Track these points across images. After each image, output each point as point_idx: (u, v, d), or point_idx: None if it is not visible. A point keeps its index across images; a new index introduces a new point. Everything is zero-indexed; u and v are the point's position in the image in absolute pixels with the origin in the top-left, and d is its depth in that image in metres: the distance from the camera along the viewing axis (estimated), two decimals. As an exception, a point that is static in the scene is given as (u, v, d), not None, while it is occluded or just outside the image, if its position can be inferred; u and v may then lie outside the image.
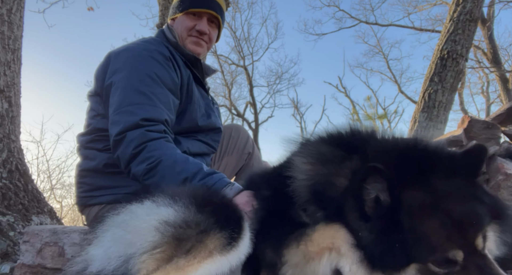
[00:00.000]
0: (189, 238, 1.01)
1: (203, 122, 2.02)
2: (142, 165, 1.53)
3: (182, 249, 0.99)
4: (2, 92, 3.21)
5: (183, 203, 1.09)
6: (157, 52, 1.81)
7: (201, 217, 1.06)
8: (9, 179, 3.07)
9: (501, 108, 3.18)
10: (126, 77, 1.69)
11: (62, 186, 11.06)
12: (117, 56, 1.80)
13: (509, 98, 11.88)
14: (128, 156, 1.55)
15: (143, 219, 1.04)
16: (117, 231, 1.06)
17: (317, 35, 19.27)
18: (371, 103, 21.33)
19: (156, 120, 1.62)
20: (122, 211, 1.12)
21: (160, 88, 1.72)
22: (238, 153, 2.41)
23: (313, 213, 1.13)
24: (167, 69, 1.80)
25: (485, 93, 17.72)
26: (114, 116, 1.63)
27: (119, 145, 1.58)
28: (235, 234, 1.07)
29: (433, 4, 14.83)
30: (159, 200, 1.11)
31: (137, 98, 1.64)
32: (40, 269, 1.89)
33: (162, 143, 1.57)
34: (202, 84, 2.13)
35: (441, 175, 1.01)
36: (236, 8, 18.67)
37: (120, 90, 1.67)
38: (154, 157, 1.51)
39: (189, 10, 2.01)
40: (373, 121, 20.64)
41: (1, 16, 3.29)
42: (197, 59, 2.04)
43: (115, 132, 1.59)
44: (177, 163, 1.50)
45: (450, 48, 5.42)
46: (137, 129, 1.56)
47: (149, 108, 1.63)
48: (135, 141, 1.54)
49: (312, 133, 1.36)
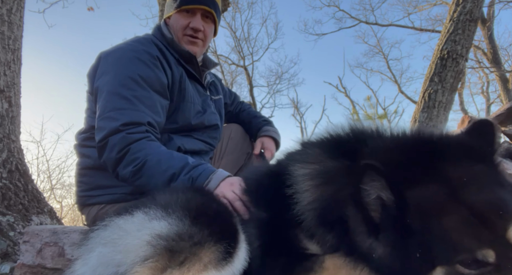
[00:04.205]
0: (183, 250, 0.96)
1: (197, 120, 2.00)
2: (128, 167, 1.55)
3: (176, 261, 0.95)
4: (2, 92, 3.21)
5: (177, 215, 1.04)
6: (144, 52, 1.80)
7: (195, 230, 1.01)
8: (9, 179, 3.07)
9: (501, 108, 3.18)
10: (110, 82, 1.72)
11: (62, 186, 11.08)
12: (105, 58, 1.82)
13: (509, 98, 11.88)
14: (113, 161, 1.58)
15: (135, 235, 0.99)
16: (104, 250, 0.99)
17: (317, 35, 19.32)
18: (371, 103, 21.31)
19: (136, 123, 1.63)
20: (109, 225, 1.05)
21: (144, 91, 1.72)
22: (237, 153, 2.40)
23: (322, 238, 1.02)
24: (154, 69, 1.79)
25: (485, 93, 17.72)
26: (98, 123, 1.66)
27: (103, 151, 1.61)
28: (230, 248, 1.02)
29: (433, 4, 14.84)
30: (151, 212, 1.05)
31: (119, 103, 1.66)
32: (40, 269, 1.88)
33: (145, 143, 1.58)
34: (198, 80, 2.12)
35: (453, 161, 0.88)
36: (236, 8, 18.67)
37: (104, 95, 1.70)
38: (139, 158, 1.53)
39: (182, 8, 1.99)
40: (373, 121, 20.57)
41: (1, 16, 3.28)
42: (191, 55, 2.02)
43: (98, 139, 1.62)
44: (162, 161, 1.52)
45: (450, 48, 5.42)
46: (117, 134, 1.58)
47: (131, 112, 1.64)
48: (117, 145, 1.57)
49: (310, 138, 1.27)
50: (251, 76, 19.78)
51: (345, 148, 1.08)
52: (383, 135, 1.09)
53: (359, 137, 1.09)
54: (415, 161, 0.90)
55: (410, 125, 6.01)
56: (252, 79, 19.89)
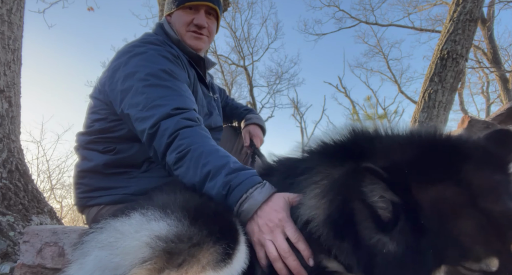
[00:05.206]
0: (181, 252, 0.95)
1: (205, 122, 1.99)
2: (173, 153, 1.43)
3: (174, 263, 0.94)
4: (2, 92, 3.21)
5: (176, 216, 1.02)
6: (165, 51, 1.77)
7: (194, 230, 1.00)
8: (9, 179, 3.07)
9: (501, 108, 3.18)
10: (143, 77, 1.63)
11: (62, 186, 11.07)
12: (126, 64, 1.72)
13: (509, 98, 11.88)
14: (164, 146, 1.46)
15: (133, 237, 0.96)
16: (100, 254, 0.96)
17: (317, 35, 19.33)
18: (371, 103, 21.31)
19: (186, 108, 1.54)
20: (105, 228, 1.03)
21: (179, 82, 1.67)
22: (236, 153, 2.41)
23: (340, 249, 1.00)
24: (178, 66, 1.77)
25: (485, 93, 17.73)
26: (143, 114, 1.54)
27: (154, 137, 1.49)
28: (229, 249, 1.01)
29: (433, 4, 14.84)
30: (149, 213, 1.03)
31: (161, 92, 1.57)
32: (40, 269, 1.88)
33: (195, 131, 1.47)
34: (204, 82, 2.10)
35: (474, 166, 0.87)
36: (236, 8, 18.67)
37: (141, 89, 1.60)
38: (183, 145, 1.41)
39: (186, 4, 1.95)
40: (373, 121, 20.59)
41: (1, 16, 3.28)
42: (200, 58, 2.00)
43: (148, 126, 1.49)
44: (203, 154, 1.36)
45: (450, 48, 5.42)
46: (170, 118, 1.48)
47: (177, 98, 1.56)
48: (169, 129, 1.46)
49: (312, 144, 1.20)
50: (251, 76, 19.82)
51: (352, 151, 1.05)
52: (393, 135, 1.07)
53: (367, 138, 1.07)
54: (434, 162, 0.89)
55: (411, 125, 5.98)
56: (252, 79, 19.93)
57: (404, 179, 0.86)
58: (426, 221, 0.84)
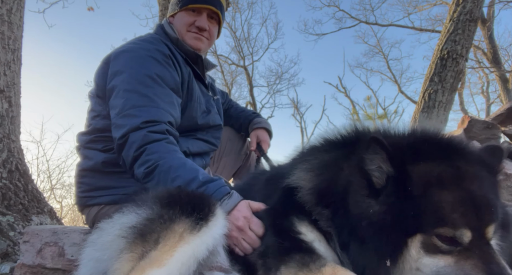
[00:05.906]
0: (154, 229, 1.00)
1: (203, 120, 2.01)
2: (141, 168, 1.52)
3: (150, 242, 0.97)
4: (2, 92, 3.21)
5: (147, 205, 1.09)
6: (156, 51, 1.79)
7: (165, 211, 1.06)
8: (9, 179, 3.07)
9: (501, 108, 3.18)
10: (127, 80, 1.69)
11: (62, 186, 11.07)
12: (116, 58, 1.79)
13: (509, 98, 11.88)
14: (131, 158, 1.55)
15: (108, 232, 1.06)
16: (88, 250, 1.09)
17: (317, 35, 19.26)
18: (371, 103, 21.34)
19: (158, 121, 1.61)
20: (96, 228, 1.14)
21: (162, 88, 1.71)
22: (236, 153, 2.42)
23: (320, 214, 1.12)
24: (167, 68, 1.79)
25: (485, 93, 17.73)
26: (117, 120, 1.63)
27: (122, 148, 1.58)
28: (205, 216, 1.07)
29: (433, 4, 14.84)
30: (125, 210, 1.11)
31: (139, 100, 1.63)
32: (40, 269, 1.88)
33: (162, 145, 1.55)
34: (202, 80, 2.12)
35: (467, 160, 0.99)
36: (236, 8, 18.68)
37: (122, 93, 1.66)
38: (152, 160, 1.50)
39: (189, 6, 1.99)
40: (373, 121, 20.61)
41: (1, 16, 3.28)
42: (198, 55, 2.02)
43: (118, 136, 1.59)
44: (172, 169, 1.46)
45: (450, 48, 5.42)
46: (138, 131, 1.56)
47: (152, 110, 1.62)
48: (136, 142, 1.54)
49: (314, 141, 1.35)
50: (251, 76, 19.82)
51: (350, 140, 1.20)
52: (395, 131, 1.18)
53: (367, 133, 1.19)
54: (431, 149, 1.01)
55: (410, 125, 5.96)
56: (252, 79, 19.93)
57: (402, 155, 0.98)
58: (412, 187, 0.94)
